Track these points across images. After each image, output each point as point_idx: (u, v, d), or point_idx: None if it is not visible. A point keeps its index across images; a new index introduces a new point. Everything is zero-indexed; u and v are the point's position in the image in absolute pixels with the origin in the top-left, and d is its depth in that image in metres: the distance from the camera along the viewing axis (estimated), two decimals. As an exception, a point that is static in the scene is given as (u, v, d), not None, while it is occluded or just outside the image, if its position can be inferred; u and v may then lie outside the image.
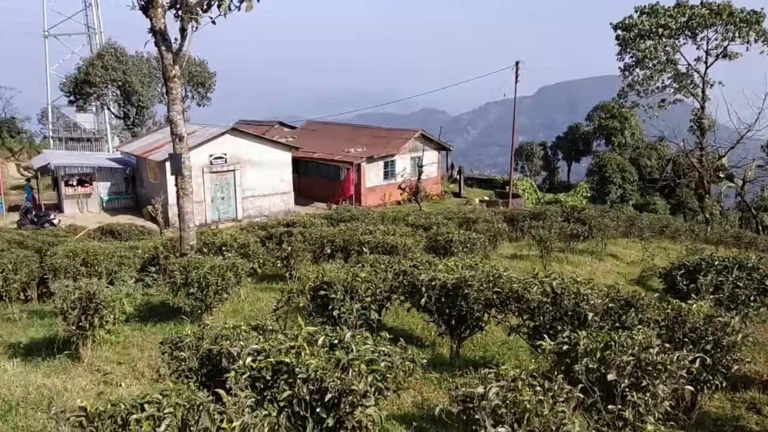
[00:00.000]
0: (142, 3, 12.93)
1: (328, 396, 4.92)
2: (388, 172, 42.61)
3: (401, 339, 5.96)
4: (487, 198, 47.22)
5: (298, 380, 4.98)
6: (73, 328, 9.07)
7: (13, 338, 10.68)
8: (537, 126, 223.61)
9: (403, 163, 43.23)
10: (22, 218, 34.27)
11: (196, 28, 13.05)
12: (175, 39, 13.26)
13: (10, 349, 10.02)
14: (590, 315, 7.49)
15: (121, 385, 8.11)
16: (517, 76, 41.54)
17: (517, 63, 41.73)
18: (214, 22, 13.35)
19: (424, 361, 6.04)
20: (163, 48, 13.16)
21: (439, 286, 8.46)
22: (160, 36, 13.07)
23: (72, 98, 54.72)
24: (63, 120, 63.04)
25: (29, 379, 8.52)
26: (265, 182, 37.19)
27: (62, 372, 8.86)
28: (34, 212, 34.74)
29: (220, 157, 35.44)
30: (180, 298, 11.12)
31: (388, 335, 5.84)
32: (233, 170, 35.98)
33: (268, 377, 5.14)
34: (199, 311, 10.68)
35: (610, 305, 7.76)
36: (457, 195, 47.88)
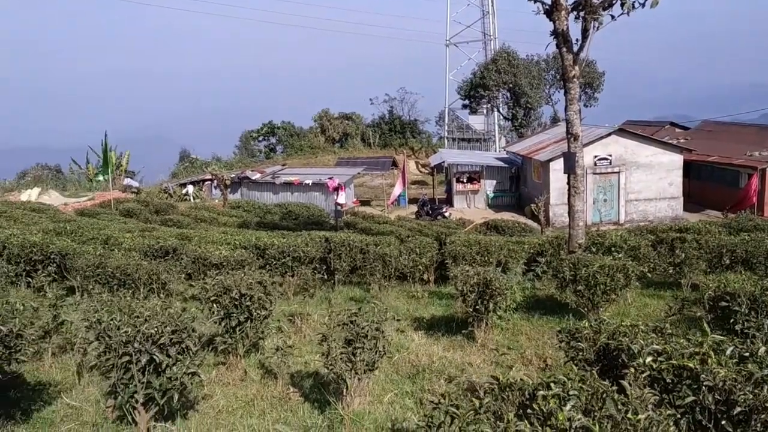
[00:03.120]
0: (547, 7, 13.43)
1: (737, 410, 4.59)
2: (802, 179, 37.18)
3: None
4: None
5: (703, 388, 4.75)
6: (470, 309, 9.95)
7: (417, 313, 12.11)
8: None
9: (823, 168, 37.29)
10: (419, 210, 38.40)
11: (598, 27, 13.11)
12: (576, 40, 13.51)
13: (415, 322, 11.39)
14: None
15: (511, 368, 8.62)
16: None
17: None
18: (614, 19, 13.26)
19: None
20: (564, 50, 13.50)
21: None
22: (562, 38, 13.42)
23: (466, 101, 59.23)
24: (456, 122, 68.34)
25: (432, 350, 9.59)
26: (650, 186, 35.57)
27: (459, 348, 9.76)
28: (429, 205, 38.61)
29: (605, 159, 34.90)
30: (567, 294, 11.36)
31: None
32: (617, 172, 35.14)
33: (668, 380, 5.00)
34: (585, 309, 10.78)
35: None
36: None
